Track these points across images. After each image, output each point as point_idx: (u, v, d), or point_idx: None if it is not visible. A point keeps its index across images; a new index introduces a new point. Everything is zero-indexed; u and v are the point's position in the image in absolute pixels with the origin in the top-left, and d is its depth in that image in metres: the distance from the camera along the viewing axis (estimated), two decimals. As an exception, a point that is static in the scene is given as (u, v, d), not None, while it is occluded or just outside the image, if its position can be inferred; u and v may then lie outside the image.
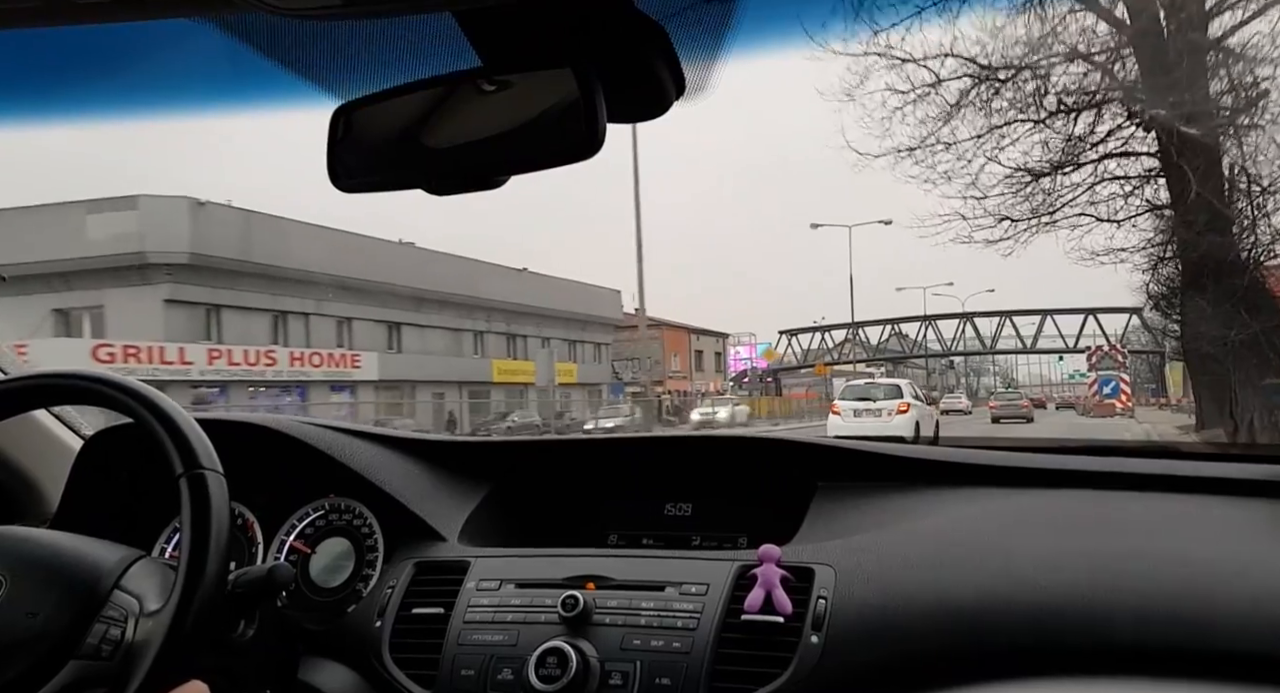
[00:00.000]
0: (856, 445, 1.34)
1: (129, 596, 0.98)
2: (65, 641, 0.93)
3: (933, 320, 53.75)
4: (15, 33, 0.83)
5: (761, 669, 1.04)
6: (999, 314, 51.11)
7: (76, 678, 0.91)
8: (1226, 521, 1.11)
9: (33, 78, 0.98)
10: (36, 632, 0.92)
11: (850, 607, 1.05)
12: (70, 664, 0.92)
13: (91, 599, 0.96)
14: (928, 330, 53.41)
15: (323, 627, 1.26)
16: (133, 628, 0.95)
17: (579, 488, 1.48)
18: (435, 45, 0.82)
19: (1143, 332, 44.99)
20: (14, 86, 1.02)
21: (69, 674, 0.91)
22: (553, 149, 0.84)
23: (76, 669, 0.92)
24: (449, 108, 0.86)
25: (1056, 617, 0.97)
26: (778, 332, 57.56)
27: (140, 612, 0.97)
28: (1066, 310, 47.03)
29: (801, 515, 1.25)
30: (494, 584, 1.20)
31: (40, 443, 1.54)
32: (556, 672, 1.05)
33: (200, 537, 0.96)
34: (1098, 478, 1.22)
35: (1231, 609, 0.93)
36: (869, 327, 55.67)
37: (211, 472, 1.00)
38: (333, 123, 0.90)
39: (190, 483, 0.99)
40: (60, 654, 0.92)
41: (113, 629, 0.94)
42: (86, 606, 0.95)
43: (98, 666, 0.92)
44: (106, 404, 1.06)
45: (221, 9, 0.80)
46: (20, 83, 1.01)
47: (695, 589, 1.12)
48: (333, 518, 1.39)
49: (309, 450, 1.40)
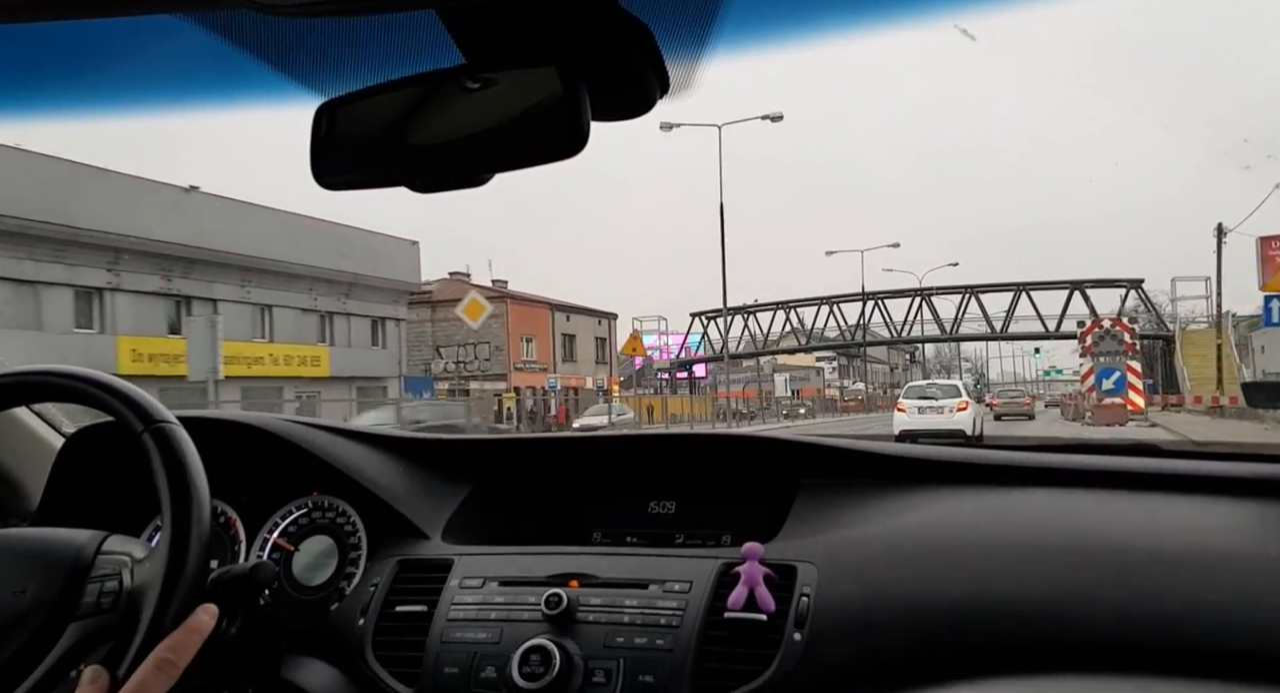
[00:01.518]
0: (840, 443, 1.35)
1: (116, 554, 0.99)
2: (59, 608, 0.93)
3: (879, 299, 46.33)
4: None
5: (744, 667, 1.04)
6: (963, 290, 44.33)
7: (80, 639, 0.92)
8: (1210, 519, 1.12)
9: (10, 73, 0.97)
10: (27, 606, 0.93)
11: (833, 604, 1.06)
12: (70, 628, 0.93)
13: (77, 566, 0.96)
14: (874, 311, 46.62)
15: (306, 625, 1.26)
16: (129, 576, 0.97)
17: (563, 486, 1.48)
18: (419, 43, 0.82)
19: (1143, 311, 39.46)
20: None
21: (71, 638, 0.92)
22: (537, 147, 0.85)
23: (78, 631, 0.93)
24: (433, 105, 0.86)
25: (1039, 614, 0.98)
26: (690, 315, 49.60)
27: (134, 561, 0.98)
28: (1046, 284, 41.15)
29: (785, 513, 1.25)
30: (477, 582, 1.20)
31: (21, 441, 1.53)
32: (540, 669, 1.05)
33: (179, 480, 0.97)
34: (1081, 476, 1.23)
35: (1213, 607, 0.94)
36: (801, 307, 48.16)
37: (170, 424, 1.00)
38: (316, 120, 0.90)
39: (154, 436, 0.99)
40: (56, 622, 0.93)
41: (108, 582, 0.96)
42: (73, 573, 0.96)
43: (101, 620, 0.94)
44: (60, 397, 1.08)
45: (206, 5, 0.79)
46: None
47: (679, 587, 1.12)
48: (316, 516, 1.39)
49: (292, 448, 1.40)
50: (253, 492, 1.40)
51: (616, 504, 1.44)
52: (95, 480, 1.42)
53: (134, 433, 1.00)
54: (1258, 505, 1.12)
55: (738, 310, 46.97)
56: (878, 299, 47.95)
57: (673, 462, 1.47)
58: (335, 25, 0.83)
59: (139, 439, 0.99)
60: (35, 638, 0.91)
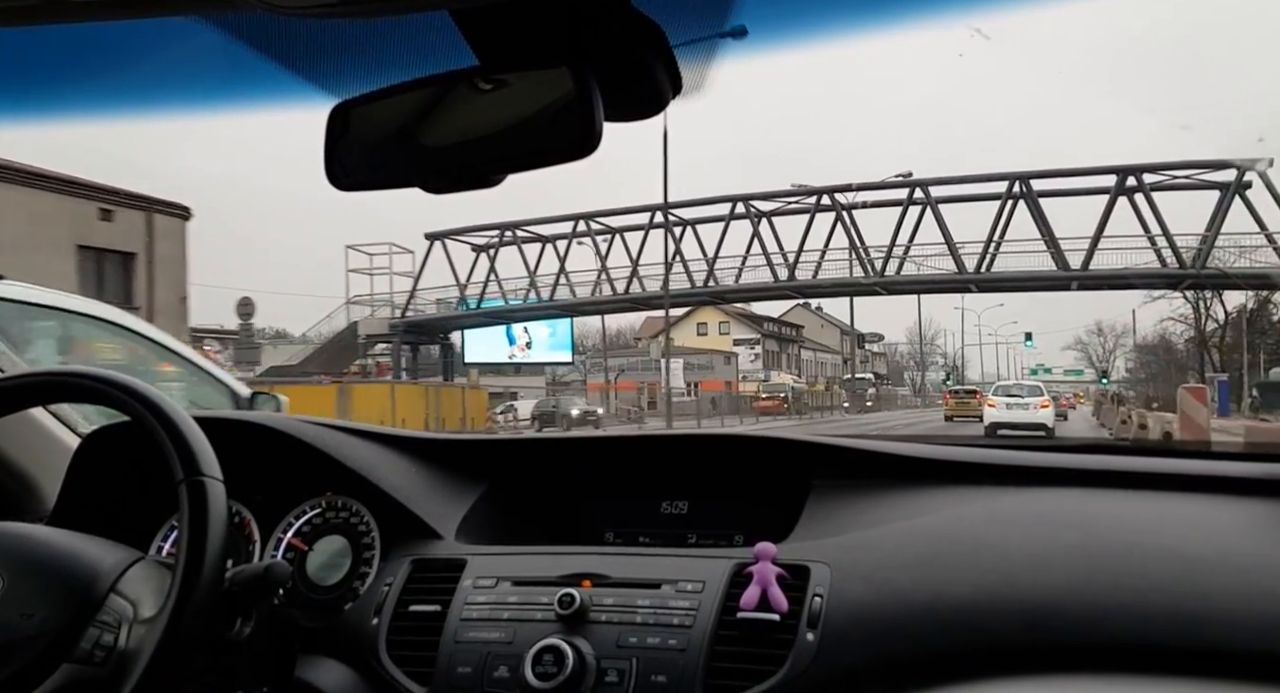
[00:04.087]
0: (852, 443, 1.35)
1: (124, 600, 0.98)
2: (59, 643, 0.92)
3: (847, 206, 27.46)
4: (11, 31, 0.83)
5: (757, 667, 1.04)
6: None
7: (68, 682, 0.91)
8: (1220, 519, 1.11)
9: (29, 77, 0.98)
10: (32, 633, 0.92)
11: (845, 605, 1.05)
12: (63, 668, 0.91)
13: (87, 602, 0.95)
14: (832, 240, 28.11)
15: (320, 625, 1.26)
16: (126, 635, 0.95)
17: (575, 486, 1.48)
18: (432, 44, 0.83)
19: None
20: (9, 85, 1.03)
21: (61, 678, 0.91)
22: (549, 147, 0.85)
23: (68, 673, 0.91)
24: (446, 106, 0.87)
25: (1051, 614, 0.98)
26: (425, 236, 32.39)
27: (134, 618, 0.97)
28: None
29: (797, 514, 1.25)
30: (490, 582, 1.20)
31: (38, 441, 1.54)
32: (553, 669, 1.05)
33: (197, 544, 0.96)
34: (1092, 476, 1.23)
35: (1225, 607, 0.93)
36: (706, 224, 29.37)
37: (211, 479, 1.00)
38: (330, 121, 0.90)
39: (190, 490, 0.99)
40: (54, 657, 0.92)
41: (106, 635, 0.94)
42: (82, 608, 0.95)
43: (89, 671, 0.92)
44: (108, 403, 1.07)
45: (220, 7, 0.80)
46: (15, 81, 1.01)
47: (691, 587, 1.12)
48: (329, 516, 1.39)
49: (306, 449, 1.41)
50: (267, 492, 1.41)
51: (628, 504, 1.44)
52: (111, 481, 1.42)
53: (174, 480, 1.00)
54: (1269, 505, 1.12)
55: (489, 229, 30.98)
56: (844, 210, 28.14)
57: (684, 462, 1.47)
58: (349, 27, 0.84)
59: (176, 487, 0.99)
60: (28, 670, 0.90)
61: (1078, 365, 70.23)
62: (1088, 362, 71.26)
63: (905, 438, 1.45)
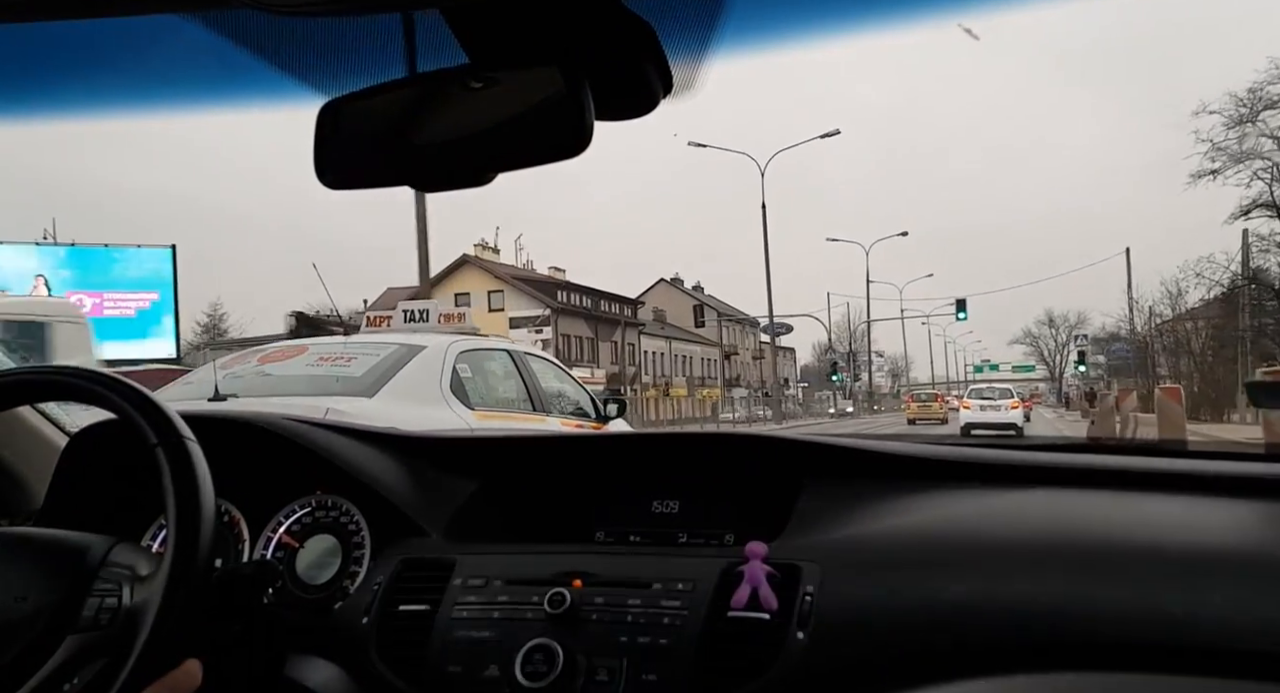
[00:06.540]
0: (843, 442, 1.35)
1: (119, 568, 0.98)
2: (59, 618, 0.92)
3: None
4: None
5: (747, 666, 1.04)
6: None
7: (76, 651, 0.91)
8: (1213, 519, 1.12)
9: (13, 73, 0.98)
10: (28, 613, 0.92)
11: (836, 604, 1.06)
12: (68, 640, 0.91)
13: (80, 576, 0.96)
14: None
15: (309, 624, 1.26)
16: (129, 593, 0.95)
17: (566, 485, 1.48)
18: (423, 42, 0.82)
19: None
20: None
21: (67, 650, 0.91)
22: (540, 146, 0.85)
23: (75, 643, 0.91)
24: (436, 105, 0.86)
25: (1042, 613, 0.98)
26: None
27: (134, 577, 0.97)
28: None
29: (788, 513, 1.25)
30: (481, 581, 1.20)
31: (25, 440, 1.54)
32: (543, 668, 1.05)
33: (186, 498, 0.96)
34: (1084, 475, 1.23)
35: (1216, 607, 0.94)
36: None
37: (188, 439, 1.00)
38: (320, 119, 0.90)
39: (167, 451, 0.98)
40: (55, 632, 0.92)
41: (108, 599, 0.94)
42: (76, 582, 0.95)
43: (97, 635, 0.92)
44: (74, 397, 1.07)
45: (209, 4, 0.79)
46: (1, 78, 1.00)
47: (682, 586, 1.12)
48: (319, 515, 1.39)
49: (295, 447, 1.40)
50: (256, 490, 1.40)
51: (619, 503, 1.44)
52: (100, 479, 1.42)
53: (148, 444, 0.99)
54: (1261, 505, 1.12)
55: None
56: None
57: (676, 461, 1.47)
58: (339, 25, 0.83)
59: (153, 452, 0.99)
60: (32, 648, 0.90)
61: (1028, 361, 68.15)
62: (1039, 356, 69.43)
63: (894, 437, 1.45)
